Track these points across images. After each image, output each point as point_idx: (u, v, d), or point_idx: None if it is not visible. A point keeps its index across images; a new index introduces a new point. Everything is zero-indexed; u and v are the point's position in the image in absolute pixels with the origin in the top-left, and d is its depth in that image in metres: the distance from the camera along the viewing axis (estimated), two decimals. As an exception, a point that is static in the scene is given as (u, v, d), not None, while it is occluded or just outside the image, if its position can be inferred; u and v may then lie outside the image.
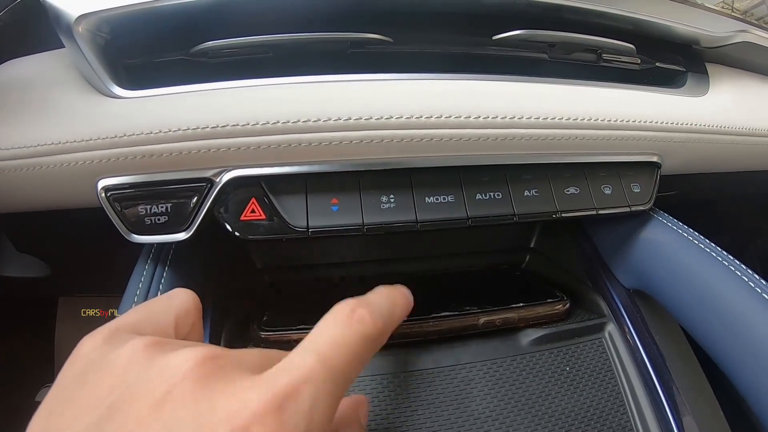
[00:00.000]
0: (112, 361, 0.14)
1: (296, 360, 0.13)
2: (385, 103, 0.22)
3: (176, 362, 0.13)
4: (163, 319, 0.16)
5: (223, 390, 0.12)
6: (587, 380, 0.25)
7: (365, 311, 0.15)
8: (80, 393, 0.13)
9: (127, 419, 0.12)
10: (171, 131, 0.21)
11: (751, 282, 0.23)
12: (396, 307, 0.18)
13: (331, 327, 0.15)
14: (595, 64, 0.31)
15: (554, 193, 0.26)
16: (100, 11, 0.23)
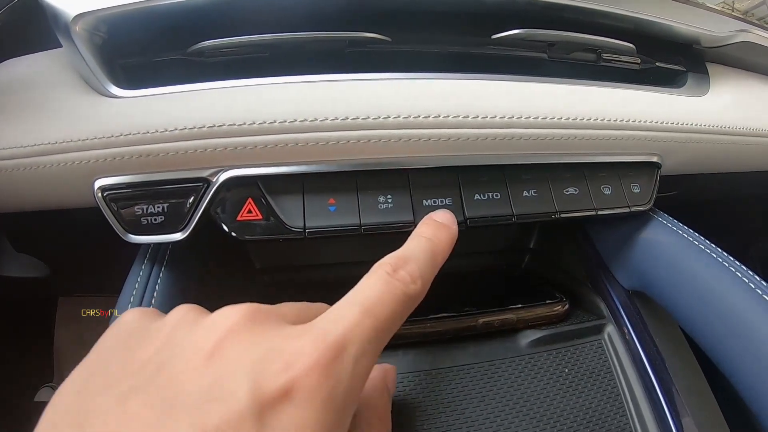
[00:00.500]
0: (156, 328, 0.14)
1: (343, 312, 0.14)
2: (383, 103, 0.22)
3: (221, 318, 0.13)
4: None
5: (273, 338, 0.13)
6: (586, 382, 0.25)
7: (405, 272, 0.16)
8: (125, 354, 0.13)
9: (178, 372, 0.12)
10: (167, 131, 0.21)
11: (752, 283, 0.23)
12: (437, 254, 0.18)
13: (374, 283, 0.15)
14: (595, 63, 0.31)
15: (553, 194, 0.25)
16: (98, 10, 0.23)
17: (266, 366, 0.12)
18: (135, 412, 0.11)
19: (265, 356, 0.12)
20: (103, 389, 0.12)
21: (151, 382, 0.12)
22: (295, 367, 0.12)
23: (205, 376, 0.12)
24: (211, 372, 0.12)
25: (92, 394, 0.12)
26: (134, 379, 0.12)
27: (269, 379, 0.12)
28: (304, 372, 0.12)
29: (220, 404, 0.11)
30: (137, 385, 0.12)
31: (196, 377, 0.12)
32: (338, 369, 0.12)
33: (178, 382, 0.12)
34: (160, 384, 0.12)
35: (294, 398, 0.11)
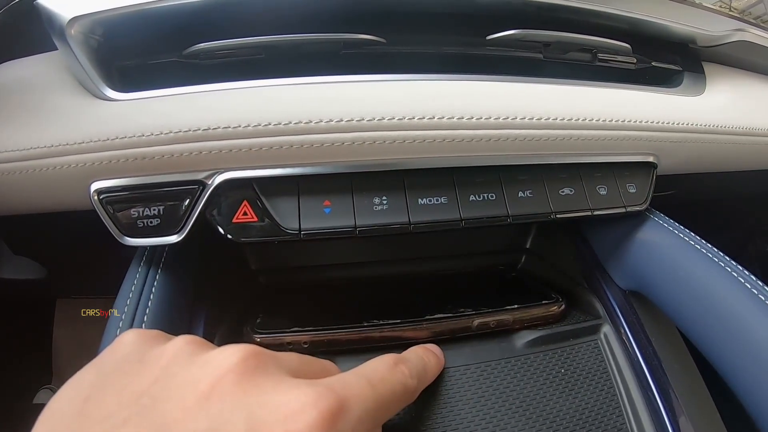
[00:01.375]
0: (155, 355, 0.14)
1: (349, 379, 0.14)
2: (378, 105, 0.22)
3: (220, 357, 0.13)
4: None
5: (272, 388, 0.12)
6: (582, 382, 0.25)
7: (405, 366, 0.17)
8: (122, 381, 0.13)
9: (173, 409, 0.12)
10: (162, 134, 0.21)
11: (748, 283, 0.23)
12: (428, 368, 0.21)
13: (380, 366, 0.16)
14: (591, 63, 0.31)
15: (549, 194, 0.25)
16: (93, 13, 0.23)
17: (264, 416, 0.12)
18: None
19: (264, 405, 0.12)
20: (99, 419, 0.12)
21: (145, 417, 0.12)
22: (295, 422, 0.11)
23: (199, 419, 0.11)
24: (206, 416, 0.12)
25: (88, 421, 0.12)
26: (128, 412, 0.12)
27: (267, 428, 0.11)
28: (304, 428, 0.11)
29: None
30: (131, 420, 0.12)
31: (191, 419, 0.11)
32: (341, 426, 0.12)
33: (171, 422, 0.11)
34: (153, 420, 0.12)
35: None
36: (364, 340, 0.25)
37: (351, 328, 0.25)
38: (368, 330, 0.25)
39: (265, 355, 0.14)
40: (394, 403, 0.16)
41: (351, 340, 0.25)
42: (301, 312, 0.28)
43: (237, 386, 0.12)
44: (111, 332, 0.21)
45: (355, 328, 0.25)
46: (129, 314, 0.22)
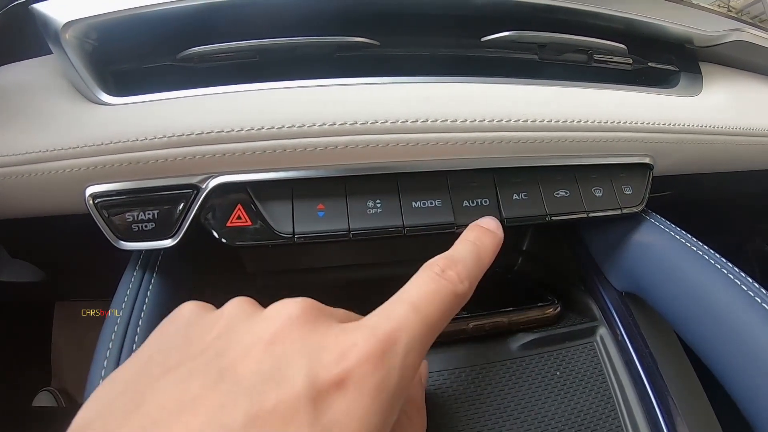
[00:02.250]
0: (214, 316, 0.15)
1: (393, 309, 0.14)
2: (371, 108, 0.22)
3: (278, 310, 0.14)
4: None
5: (327, 331, 0.13)
6: (578, 385, 0.25)
7: (454, 272, 0.17)
8: (184, 341, 0.14)
9: (238, 355, 0.12)
10: (156, 138, 0.21)
11: (744, 285, 0.23)
12: (483, 258, 0.19)
13: (423, 282, 0.16)
14: (586, 64, 0.31)
15: (544, 197, 0.25)
16: (88, 18, 0.23)
17: (322, 356, 0.12)
18: (194, 393, 0.11)
19: (321, 347, 0.13)
20: (162, 372, 0.12)
21: (211, 365, 0.12)
22: (348, 358, 0.12)
23: (263, 361, 0.12)
24: (269, 358, 0.12)
25: (151, 377, 0.13)
26: (194, 363, 0.12)
27: (324, 368, 0.12)
28: (357, 363, 0.12)
29: (278, 388, 0.11)
30: (197, 368, 0.12)
31: (255, 362, 0.12)
32: (389, 361, 0.13)
33: (237, 366, 0.12)
34: (219, 367, 0.12)
35: (347, 387, 0.12)
36: None
37: None
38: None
39: (318, 307, 0.15)
40: (445, 315, 0.16)
41: None
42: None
43: (297, 332, 0.13)
44: (107, 333, 0.22)
45: None
46: (124, 317, 0.22)
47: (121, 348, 0.21)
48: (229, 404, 0.11)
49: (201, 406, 0.11)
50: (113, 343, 0.21)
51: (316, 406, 0.11)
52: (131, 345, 0.22)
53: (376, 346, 0.13)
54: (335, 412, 0.12)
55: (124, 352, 0.21)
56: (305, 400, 0.11)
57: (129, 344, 0.22)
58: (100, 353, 0.21)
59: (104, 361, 0.21)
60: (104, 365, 0.21)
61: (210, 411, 0.11)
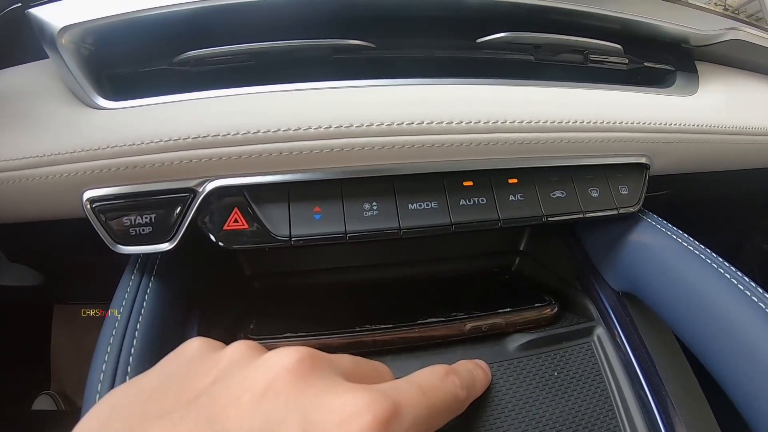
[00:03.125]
0: (215, 359, 0.15)
1: (402, 385, 0.14)
2: (367, 110, 0.22)
3: (276, 358, 0.14)
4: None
5: (327, 390, 0.13)
6: (576, 385, 0.25)
7: (456, 377, 0.17)
8: (183, 382, 0.14)
9: (229, 407, 0.12)
10: (153, 142, 0.21)
11: (740, 284, 0.23)
12: (477, 382, 0.21)
13: (431, 375, 0.16)
14: (582, 65, 0.31)
15: (540, 198, 0.25)
16: (84, 22, 0.23)
17: (319, 417, 0.12)
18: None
19: (319, 407, 0.12)
20: (156, 413, 0.12)
21: (201, 413, 0.12)
22: (349, 425, 0.12)
23: (255, 416, 0.12)
24: (262, 413, 0.12)
25: (145, 416, 0.12)
26: (186, 410, 0.12)
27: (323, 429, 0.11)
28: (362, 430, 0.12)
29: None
30: (188, 416, 0.12)
31: (247, 415, 0.12)
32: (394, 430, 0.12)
33: (226, 419, 0.12)
34: (209, 416, 0.12)
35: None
36: (356, 345, 0.25)
37: (343, 332, 0.25)
38: (360, 335, 0.25)
39: (320, 358, 0.14)
40: (444, 413, 0.16)
41: (343, 345, 0.25)
42: (295, 317, 0.28)
43: (292, 386, 0.12)
44: (106, 336, 0.22)
45: (348, 333, 0.25)
46: (123, 320, 0.22)
47: (119, 351, 0.21)
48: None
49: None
50: (111, 348, 0.21)
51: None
52: (129, 348, 0.22)
53: (381, 416, 0.12)
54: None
55: (122, 355, 0.21)
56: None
57: (128, 347, 0.22)
58: (98, 356, 0.21)
59: (103, 365, 0.21)
60: (103, 369, 0.21)
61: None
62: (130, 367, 0.21)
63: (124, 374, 0.21)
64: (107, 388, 0.20)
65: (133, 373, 0.21)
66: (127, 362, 0.21)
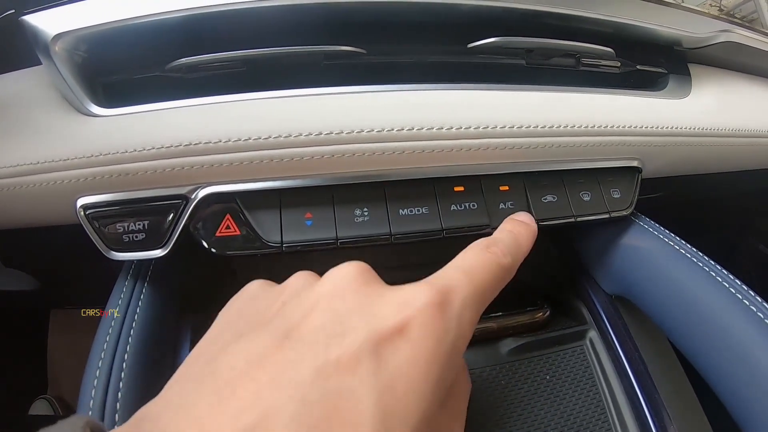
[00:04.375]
0: (278, 290, 0.16)
1: (447, 272, 0.15)
2: (357, 117, 0.22)
3: (336, 273, 0.15)
4: None
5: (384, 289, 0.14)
6: (568, 388, 0.25)
7: (497, 248, 0.18)
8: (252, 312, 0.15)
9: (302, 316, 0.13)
10: (145, 150, 0.22)
11: (732, 288, 0.23)
12: (521, 240, 0.20)
13: (471, 255, 0.17)
14: (574, 69, 0.31)
15: (531, 202, 0.25)
16: (77, 30, 0.23)
17: (381, 307, 0.13)
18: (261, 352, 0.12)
19: (380, 300, 0.13)
20: (232, 338, 0.13)
21: (277, 327, 0.13)
22: (409, 307, 0.13)
23: (325, 318, 0.13)
24: (330, 314, 0.13)
25: (222, 343, 0.13)
26: (261, 328, 0.13)
27: (385, 317, 0.13)
28: (418, 311, 0.13)
29: (340, 340, 0.12)
30: (264, 332, 0.13)
31: (317, 319, 0.13)
32: (447, 313, 0.13)
33: (300, 325, 0.13)
34: (284, 328, 0.13)
35: (408, 334, 0.12)
36: None
37: None
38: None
39: (372, 270, 0.15)
40: (493, 284, 0.16)
41: None
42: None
43: (356, 288, 0.14)
44: (101, 341, 0.22)
45: None
46: (116, 326, 0.23)
47: (113, 356, 0.21)
48: (296, 359, 0.12)
49: (269, 363, 0.12)
50: (105, 353, 0.22)
51: (379, 355, 0.12)
52: (123, 353, 0.22)
53: (435, 297, 0.13)
54: (397, 360, 0.12)
55: (116, 360, 0.21)
56: (368, 350, 0.12)
57: (121, 352, 0.22)
58: (92, 361, 0.21)
59: (96, 370, 0.21)
60: (96, 374, 0.21)
61: (278, 367, 0.11)
62: (123, 373, 0.21)
63: (118, 379, 0.21)
64: (101, 393, 0.20)
65: (127, 377, 0.21)
66: (120, 368, 0.21)
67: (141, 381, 0.22)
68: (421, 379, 0.12)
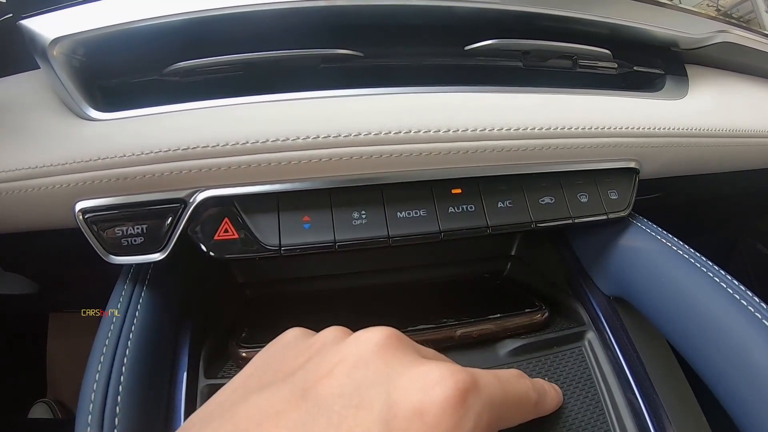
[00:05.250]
0: (310, 342, 0.16)
1: (479, 371, 0.15)
2: (354, 120, 0.22)
3: (366, 336, 0.15)
4: None
5: (411, 362, 0.14)
6: (566, 389, 0.25)
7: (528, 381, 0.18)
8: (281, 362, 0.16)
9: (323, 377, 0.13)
10: (143, 154, 0.22)
11: (730, 288, 0.23)
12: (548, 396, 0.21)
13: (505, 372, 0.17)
14: (571, 70, 0.31)
15: (529, 204, 0.26)
16: (75, 34, 0.23)
17: (403, 384, 0.13)
18: (278, 408, 0.12)
19: (405, 374, 0.13)
20: (256, 387, 0.14)
21: (297, 384, 0.13)
22: (431, 391, 0.13)
23: (344, 384, 0.13)
24: (351, 381, 0.13)
25: (247, 390, 0.14)
26: (284, 382, 0.14)
27: (404, 396, 0.12)
28: (438, 401, 0.12)
29: (356, 411, 0.12)
30: (285, 387, 0.13)
31: (337, 384, 0.13)
32: (467, 408, 0.13)
33: (320, 387, 0.13)
34: (304, 387, 0.13)
35: (425, 419, 0.12)
36: None
37: None
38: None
39: (405, 338, 0.15)
40: (518, 407, 0.16)
41: None
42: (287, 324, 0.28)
43: (380, 358, 0.14)
44: (99, 344, 0.22)
45: None
46: (115, 330, 0.23)
47: (112, 359, 0.22)
48: (309, 422, 0.12)
49: (283, 420, 0.12)
50: (104, 357, 0.22)
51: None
52: (122, 357, 0.22)
53: (460, 386, 0.13)
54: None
55: (115, 364, 0.21)
56: (380, 426, 0.12)
57: (120, 356, 0.22)
58: (92, 365, 0.21)
59: (96, 374, 0.21)
60: (96, 378, 0.21)
61: (291, 425, 0.12)
62: (123, 377, 0.21)
63: (117, 383, 0.21)
64: (101, 397, 0.20)
65: (126, 380, 0.21)
66: (120, 372, 0.21)
67: (140, 385, 0.22)
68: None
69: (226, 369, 0.25)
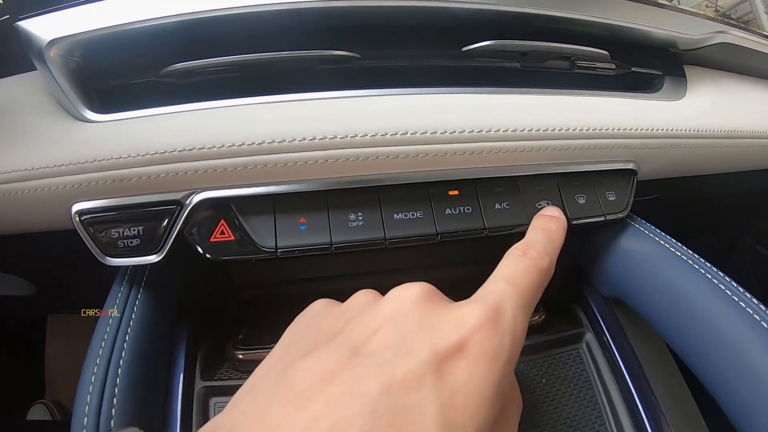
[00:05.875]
0: (342, 309, 0.17)
1: (493, 286, 0.16)
2: (351, 122, 0.22)
3: (400, 292, 0.16)
4: None
5: (443, 308, 0.15)
6: (564, 392, 0.25)
7: (533, 251, 0.19)
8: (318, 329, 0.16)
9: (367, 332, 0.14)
10: (140, 155, 0.22)
11: (728, 290, 0.23)
12: (554, 237, 0.22)
13: (512, 263, 0.18)
14: (570, 71, 0.31)
15: (526, 205, 0.25)
16: (72, 36, 0.23)
17: (441, 328, 0.14)
18: (332, 367, 0.13)
19: (440, 320, 0.14)
20: (300, 354, 0.14)
21: (344, 344, 0.14)
22: (465, 326, 0.14)
23: (390, 337, 0.14)
24: (395, 333, 0.14)
25: (291, 358, 0.14)
26: (328, 345, 0.14)
27: (444, 337, 0.14)
28: (474, 329, 0.14)
29: (405, 359, 0.13)
30: (332, 348, 0.14)
31: (383, 338, 0.14)
32: (501, 327, 0.14)
33: (367, 343, 0.14)
34: (352, 345, 0.14)
35: (467, 352, 0.13)
36: None
37: None
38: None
39: (435, 290, 0.17)
40: (537, 287, 0.17)
41: None
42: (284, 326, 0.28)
43: (418, 311, 0.15)
44: (96, 345, 0.22)
45: None
46: (112, 331, 0.23)
47: (108, 360, 0.22)
48: (364, 375, 0.12)
49: (339, 378, 0.12)
50: (101, 358, 0.22)
51: (440, 372, 0.13)
52: (118, 358, 0.22)
53: (487, 314, 0.14)
54: (457, 376, 0.13)
55: (111, 365, 0.21)
56: (430, 368, 0.13)
57: (117, 357, 0.22)
58: (88, 366, 0.21)
59: (92, 376, 0.21)
60: (92, 380, 0.21)
61: (348, 382, 0.12)
62: (119, 378, 0.21)
63: (113, 384, 0.21)
64: (97, 399, 0.20)
65: (122, 382, 0.21)
66: (116, 373, 0.21)
67: (137, 386, 0.22)
68: (479, 394, 0.13)
69: (223, 371, 0.25)
